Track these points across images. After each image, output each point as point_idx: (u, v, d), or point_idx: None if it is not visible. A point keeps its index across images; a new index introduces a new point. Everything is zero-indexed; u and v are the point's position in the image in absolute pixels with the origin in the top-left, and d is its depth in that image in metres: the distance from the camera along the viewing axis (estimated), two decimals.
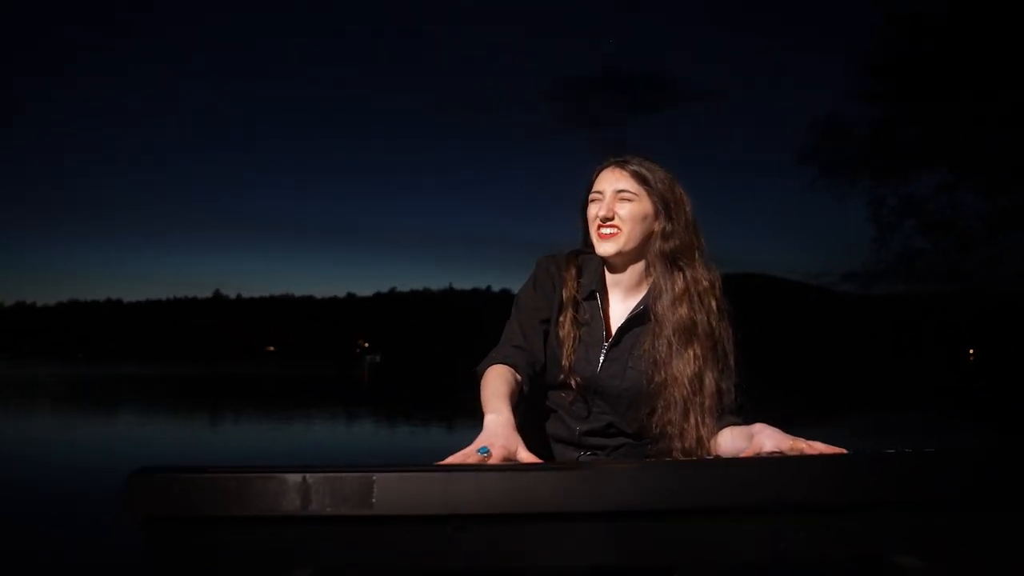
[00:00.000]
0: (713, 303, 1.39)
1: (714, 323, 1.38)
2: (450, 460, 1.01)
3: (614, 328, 1.43)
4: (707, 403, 1.31)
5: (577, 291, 1.45)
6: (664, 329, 1.36)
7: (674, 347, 1.34)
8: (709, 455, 1.29)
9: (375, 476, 0.86)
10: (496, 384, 1.27)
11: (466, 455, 1.04)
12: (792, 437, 1.11)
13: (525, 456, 1.09)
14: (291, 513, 0.85)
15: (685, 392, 1.31)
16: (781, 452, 1.10)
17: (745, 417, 1.32)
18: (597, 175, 1.45)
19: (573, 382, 1.39)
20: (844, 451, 1.01)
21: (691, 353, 1.33)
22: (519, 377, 1.33)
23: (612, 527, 0.85)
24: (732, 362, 1.38)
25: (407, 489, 0.85)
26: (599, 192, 1.42)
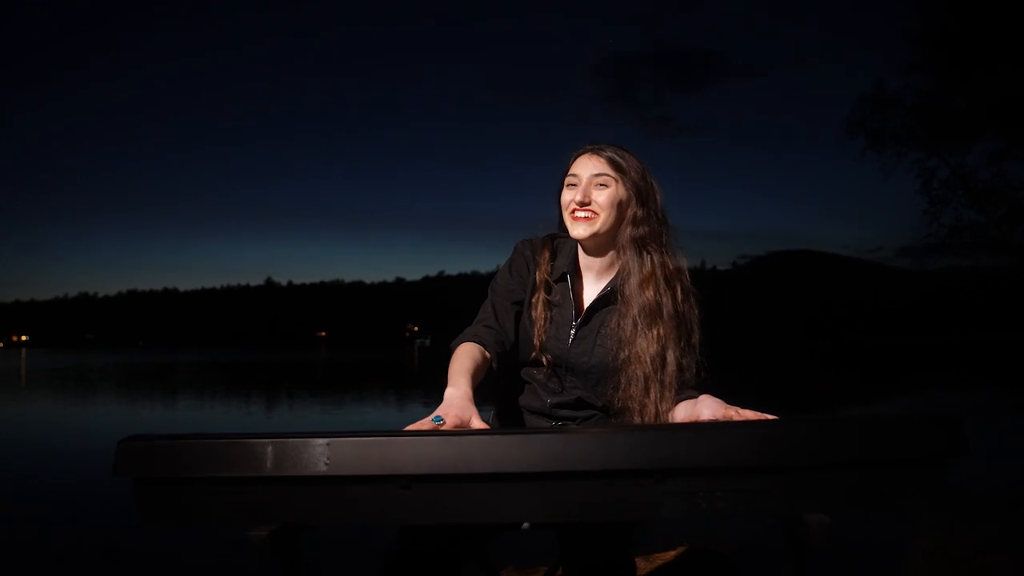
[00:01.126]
0: (679, 286, 1.45)
1: (679, 306, 1.44)
2: (409, 428, 1.11)
3: (584, 308, 1.50)
4: (667, 380, 1.37)
5: (550, 273, 1.52)
6: (631, 309, 1.42)
7: (639, 327, 1.40)
8: (659, 412, 1.35)
9: (329, 441, 0.96)
10: (461, 361, 1.36)
11: (422, 424, 1.14)
12: (728, 406, 1.18)
13: (477, 425, 1.18)
14: (256, 474, 0.96)
15: (647, 370, 1.37)
16: (716, 420, 1.16)
17: (706, 392, 1.37)
18: (573, 161, 1.49)
19: (544, 359, 1.47)
20: (772, 418, 1.07)
21: (655, 333, 1.39)
22: (488, 354, 1.43)
23: (540, 487, 0.94)
24: (695, 342, 1.44)
25: (357, 452, 0.95)
26: (575, 176, 1.47)
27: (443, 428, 1.14)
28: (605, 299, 1.48)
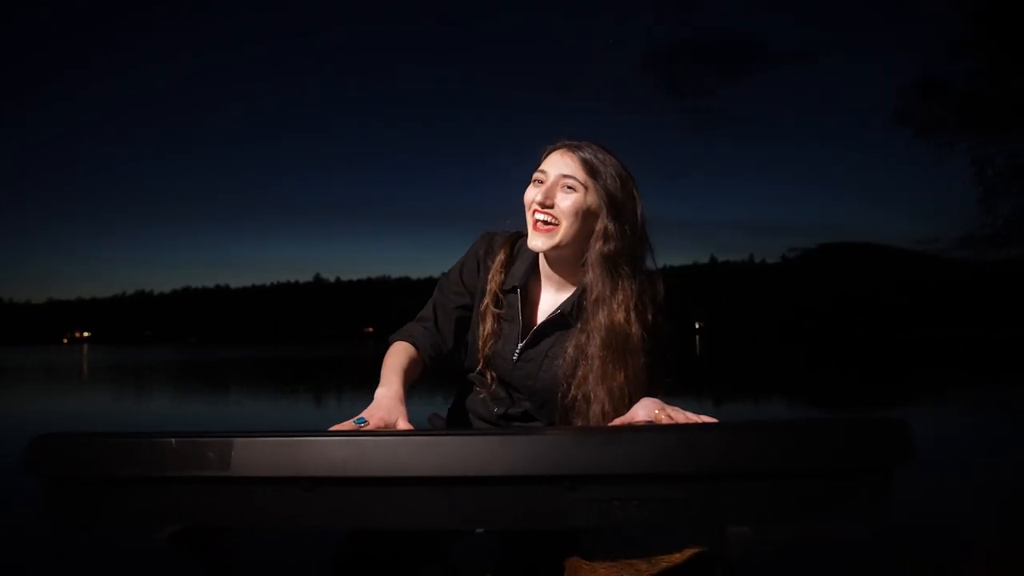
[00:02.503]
0: (652, 315, 1.31)
1: (649, 336, 1.30)
2: (333, 428, 1.06)
3: (533, 327, 1.39)
4: (616, 410, 1.24)
5: (501, 283, 1.40)
6: (592, 338, 1.28)
7: (600, 360, 1.27)
8: None
9: (234, 441, 0.92)
10: (395, 358, 1.31)
11: (344, 426, 1.09)
12: (667, 407, 1.10)
13: (403, 426, 1.13)
14: (160, 474, 0.93)
15: (602, 408, 1.25)
16: (650, 422, 1.09)
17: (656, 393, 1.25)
18: (546, 155, 1.36)
19: (489, 375, 1.40)
20: (710, 421, 1.00)
21: (618, 367, 1.26)
22: (423, 356, 1.37)
23: (443, 492, 0.88)
24: (660, 369, 1.31)
25: (261, 453, 0.91)
26: (543, 173, 1.33)
27: (365, 429, 1.09)
28: (556, 323, 1.36)
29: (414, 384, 1.34)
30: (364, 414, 1.14)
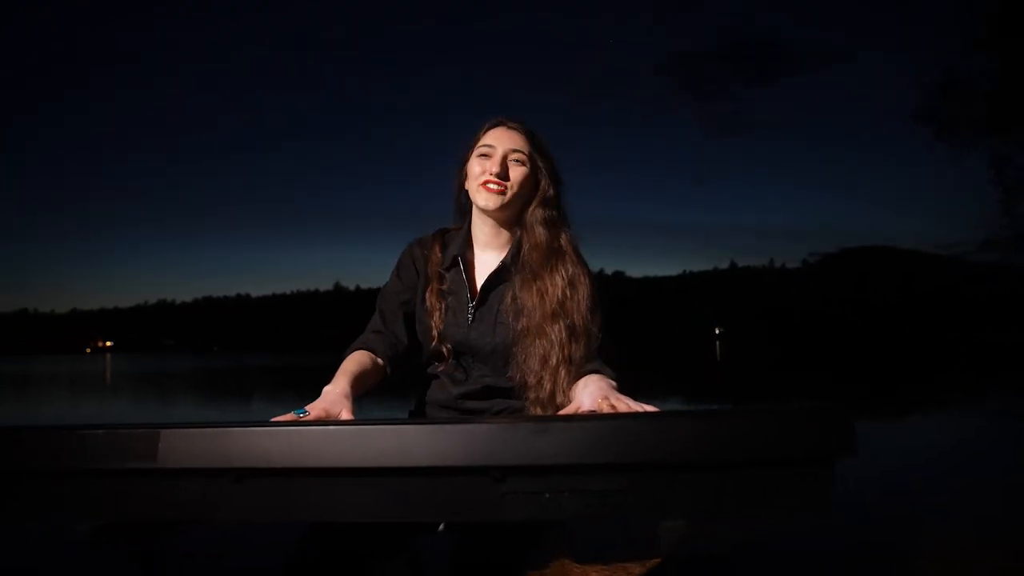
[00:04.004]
0: (582, 264, 1.43)
1: (582, 281, 1.40)
2: (274, 419, 1.05)
3: (479, 289, 1.44)
4: (566, 353, 1.31)
5: (441, 264, 1.48)
6: (535, 282, 1.38)
7: (544, 298, 1.36)
8: (561, 405, 1.27)
9: (161, 432, 0.90)
10: (346, 364, 1.34)
11: (285, 417, 1.08)
12: (612, 395, 1.07)
13: (345, 418, 1.11)
14: (84, 466, 0.91)
15: (549, 342, 1.32)
16: (594, 411, 1.06)
17: (606, 366, 1.32)
18: (485, 132, 1.45)
19: (445, 349, 1.41)
20: (651, 410, 0.96)
21: (559, 306, 1.35)
22: (379, 360, 1.41)
23: (371, 483, 0.86)
24: (595, 316, 1.39)
25: (189, 444, 0.89)
26: (490, 147, 1.42)
27: (303, 420, 1.07)
28: (499, 274, 1.43)
29: (374, 387, 1.38)
30: (307, 406, 1.13)
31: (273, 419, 1.05)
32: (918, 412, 10.13)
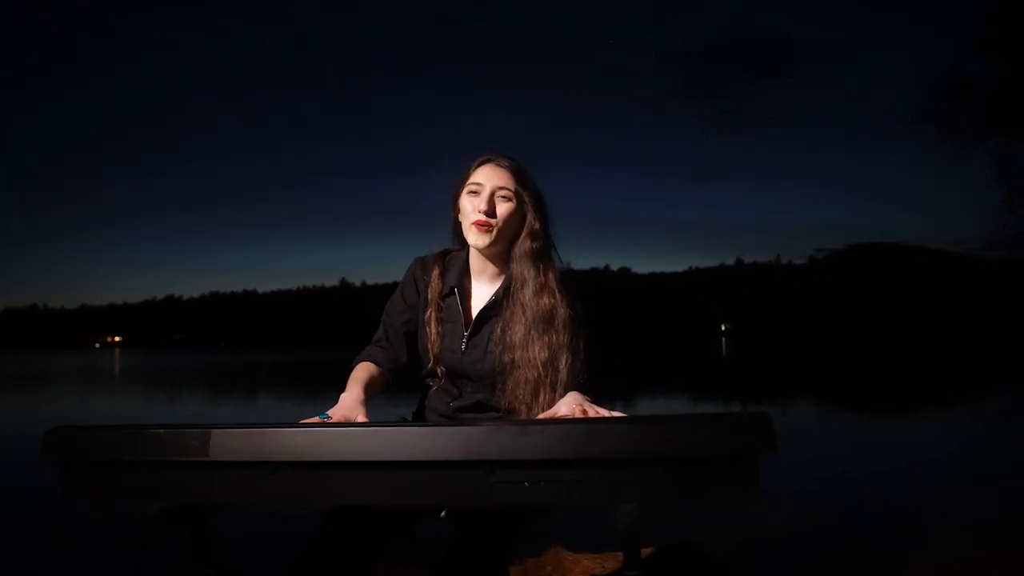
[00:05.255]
0: (570, 297, 1.56)
1: (571, 315, 1.54)
2: (301, 422, 1.25)
3: (473, 318, 1.60)
4: (554, 383, 1.47)
5: (440, 291, 1.63)
6: (524, 316, 1.52)
7: (531, 333, 1.51)
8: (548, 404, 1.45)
9: (212, 431, 1.10)
10: (357, 373, 1.55)
11: (310, 421, 1.28)
12: (586, 403, 1.26)
13: (362, 421, 1.31)
14: (151, 459, 1.11)
15: (537, 374, 1.48)
16: (570, 415, 1.25)
17: (584, 392, 1.45)
18: (475, 168, 1.58)
19: (439, 370, 1.60)
20: (618, 416, 1.15)
21: (547, 339, 1.50)
22: (383, 372, 1.61)
23: (382, 474, 1.05)
24: (583, 347, 1.54)
25: (235, 441, 1.09)
26: (479, 185, 1.55)
27: (327, 423, 1.27)
28: (492, 307, 1.58)
29: (378, 393, 1.58)
30: (329, 411, 1.32)
31: (301, 421, 1.24)
32: (925, 409, 10.28)
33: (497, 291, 1.59)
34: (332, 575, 1.34)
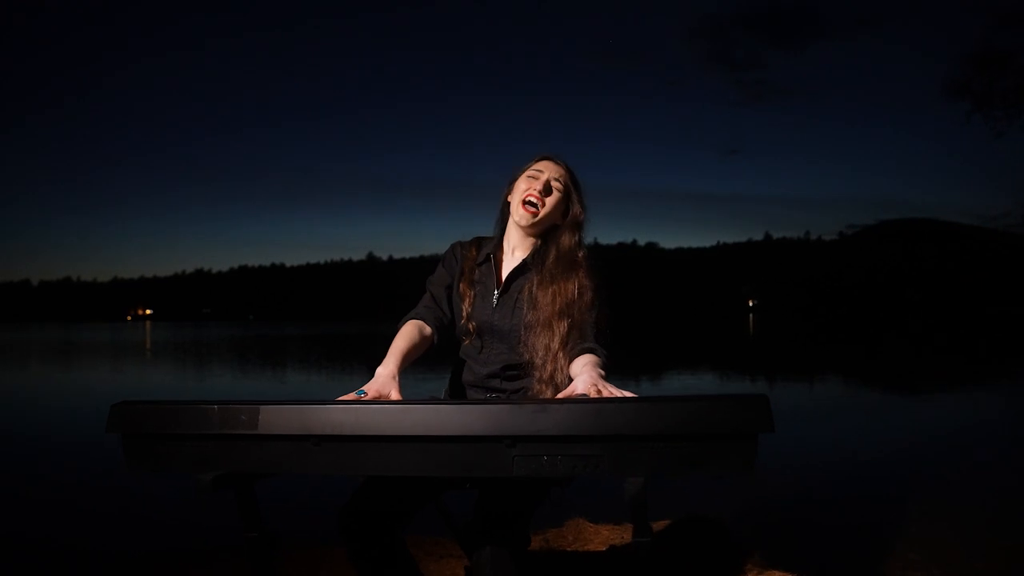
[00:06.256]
0: (589, 275, 1.72)
1: (587, 290, 1.70)
2: (339, 398, 1.37)
3: (504, 278, 1.78)
4: (567, 343, 1.62)
5: (475, 259, 1.83)
6: (549, 285, 1.69)
7: (552, 300, 1.66)
8: (560, 383, 1.59)
9: (260, 407, 1.21)
10: (397, 341, 1.65)
11: (348, 396, 1.40)
12: (600, 382, 1.36)
13: (395, 398, 1.42)
14: (206, 432, 1.23)
15: (551, 334, 1.63)
16: (586, 394, 1.35)
17: (600, 346, 1.62)
18: (537, 161, 1.80)
19: (471, 326, 1.74)
20: (629, 396, 1.25)
21: (562, 307, 1.65)
22: (428, 329, 1.73)
23: (413, 447, 1.17)
24: (595, 315, 1.69)
25: (281, 417, 1.21)
26: (539, 171, 1.77)
27: (363, 399, 1.38)
28: (522, 268, 1.76)
29: (424, 355, 1.72)
30: (365, 387, 1.45)
31: (339, 398, 1.36)
32: (955, 387, 10.21)
33: (527, 257, 1.77)
34: (369, 535, 1.48)
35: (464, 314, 1.76)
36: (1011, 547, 2.99)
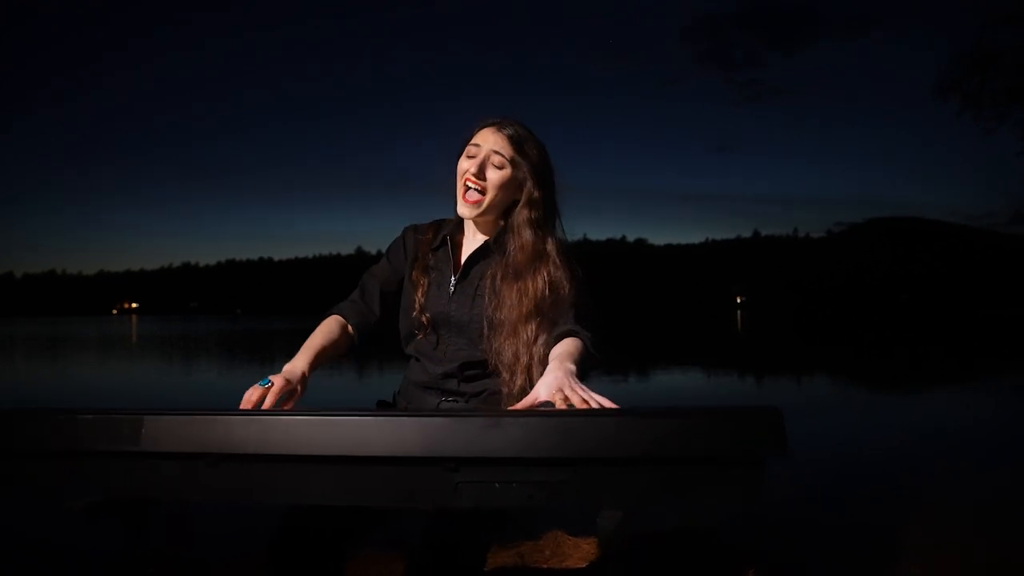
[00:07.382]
0: (562, 265, 1.45)
1: (562, 284, 1.43)
2: (247, 392, 1.25)
3: (463, 262, 1.52)
4: (538, 354, 1.35)
5: (431, 243, 1.57)
6: (514, 282, 1.42)
7: (518, 300, 1.40)
8: (530, 382, 1.34)
9: (144, 418, 0.97)
10: (314, 336, 1.48)
11: (254, 389, 1.27)
12: (568, 385, 1.10)
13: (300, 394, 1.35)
14: (76, 448, 0.98)
15: (519, 343, 1.38)
16: (550, 403, 1.10)
17: (580, 338, 1.33)
18: (477, 131, 1.49)
19: (424, 318, 1.49)
20: (610, 406, 1.01)
21: (531, 308, 1.39)
22: (349, 329, 1.54)
23: (334, 470, 0.92)
24: (573, 303, 1.42)
25: (169, 429, 0.96)
26: (476, 147, 1.47)
27: (270, 390, 1.28)
28: (483, 252, 1.50)
29: (344, 352, 1.53)
30: (272, 377, 1.32)
31: (245, 394, 1.24)
32: (940, 387, 10.08)
33: (488, 241, 1.51)
34: (306, 564, 1.26)
35: (417, 305, 1.50)
36: (1008, 548, 2.83)
